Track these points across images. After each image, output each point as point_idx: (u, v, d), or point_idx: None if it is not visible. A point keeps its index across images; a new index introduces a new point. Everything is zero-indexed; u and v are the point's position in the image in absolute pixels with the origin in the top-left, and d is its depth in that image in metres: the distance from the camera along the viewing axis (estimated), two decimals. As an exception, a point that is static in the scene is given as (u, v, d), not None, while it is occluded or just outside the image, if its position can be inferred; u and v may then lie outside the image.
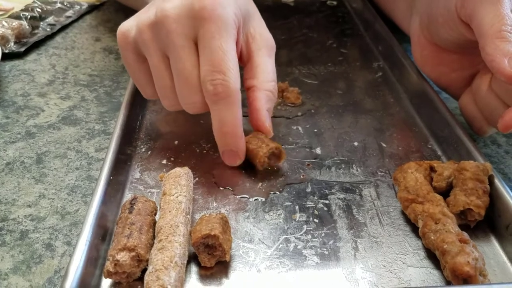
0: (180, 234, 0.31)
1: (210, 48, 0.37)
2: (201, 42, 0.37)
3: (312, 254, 0.33)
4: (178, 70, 0.38)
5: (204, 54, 0.37)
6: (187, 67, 0.37)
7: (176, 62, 0.38)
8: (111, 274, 0.29)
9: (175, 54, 0.37)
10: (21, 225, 0.36)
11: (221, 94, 0.36)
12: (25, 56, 0.59)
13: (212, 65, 0.36)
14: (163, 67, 0.39)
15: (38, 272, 0.32)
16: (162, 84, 0.39)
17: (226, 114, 0.37)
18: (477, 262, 0.29)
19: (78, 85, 0.54)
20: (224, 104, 0.37)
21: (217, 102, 0.37)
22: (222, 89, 0.36)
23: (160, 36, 0.38)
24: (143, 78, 0.41)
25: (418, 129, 0.46)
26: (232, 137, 0.38)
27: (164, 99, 0.41)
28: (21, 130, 0.46)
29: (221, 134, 0.39)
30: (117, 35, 0.41)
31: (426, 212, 0.33)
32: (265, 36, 0.44)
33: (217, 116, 0.38)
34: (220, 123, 0.38)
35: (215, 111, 0.38)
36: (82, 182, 0.40)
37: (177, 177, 0.35)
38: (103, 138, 0.45)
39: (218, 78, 0.36)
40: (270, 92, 0.42)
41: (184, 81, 0.38)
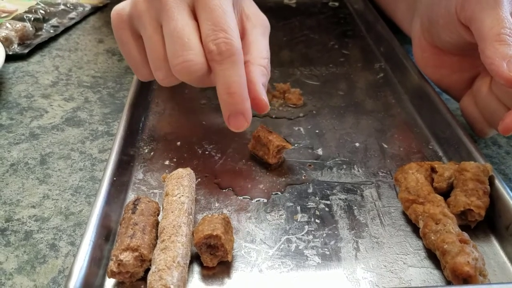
0: (182, 235, 0.31)
1: (209, 8, 0.36)
2: (199, 4, 0.37)
3: (313, 254, 0.33)
4: (170, 30, 0.36)
5: (204, 14, 0.36)
6: (179, 25, 0.36)
7: (168, 22, 0.36)
8: (115, 274, 0.30)
9: (168, 16, 0.36)
10: (25, 226, 0.36)
11: (225, 53, 0.35)
12: (28, 58, 0.60)
13: (213, 24, 0.35)
14: (156, 36, 0.38)
15: (42, 272, 0.32)
16: (155, 53, 0.38)
17: (232, 73, 0.36)
18: (477, 262, 0.29)
19: (81, 86, 0.54)
20: (229, 63, 0.36)
21: (222, 61, 0.36)
22: (225, 48, 0.35)
23: (155, 3, 0.37)
24: (138, 57, 0.40)
25: (419, 130, 0.46)
26: (238, 97, 0.37)
27: (157, 70, 0.39)
28: (25, 131, 0.46)
29: (227, 95, 0.37)
30: (112, 15, 0.40)
31: (426, 213, 0.33)
32: (259, 16, 0.44)
33: (222, 77, 0.36)
34: (225, 85, 0.36)
35: (220, 72, 0.36)
36: (86, 183, 0.40)
37: (180, 178, 0.35)
38: (106, 139, 0.46)
39: (221, 36, 0.35)
40: (263, 68, 0.41)
41: (176, 39, 0.36)
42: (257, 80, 0.40)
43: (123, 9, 0.40)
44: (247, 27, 0.43)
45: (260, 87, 0.40)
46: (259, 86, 0.40)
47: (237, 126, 0.38)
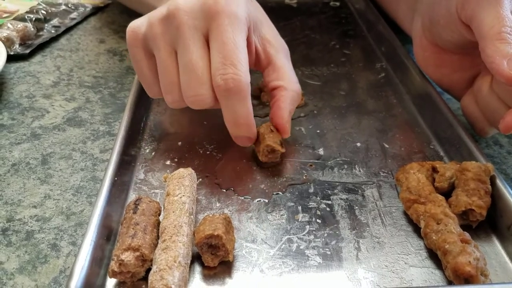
0: (183, 234, 0.31)
1: (222, 40, 0.37)
2: (212, 35, 0.37)
3: (314, 254, 0.33)
4: (185, 61, 0.37)
5: (216, 47, 0.37)
6: (195, 58, 0.37)
7: (183, 53, 0.37)
8: (116, 274, 0.30)
9: (184, 45, 0.37)
10: (26, 226, 0.36)
11: (232, 90, 0.36)
12: (30, 58, 0.60)
13: (224, 57, 0.36)
14: (170, 61, 0.39)
15: (43, 272, 0.32)
16: (167, 77, 0.39)
17: (238, 108, 0.37)
18: (478, 262, 0.29)
19: (82, 86, 0.54)
20: (236, 99, 0.37)
21: (229, 97, 0.37)
22: (233, 84, 0.36)
23: (171, 29, 0.38)
24: (150, 75, 0.41)
25: (420, 130, 0.46)
26: (245, 127, 0.39)
27: (167, 94, 0.40)
28: (27, 131, 0.47)
29: (234, 126, 0.39)
30: (127, 32, 0.41)
31: (428, 213, 0.33)
32: (279, 41, 0.45)
33: (230, 110, 0.38)
34: (233, 117, 0.38)
35: (228, 106, 0.38)
36: (87, 183, 0.40)
37: (181, 178, 0.35)
38: (107, 139, 0.46)
39: (229, 72, 0.36)
40: (295, 93, 0.43)
41: (190, 71, 0.37)
42: (286, 107, 0.41)
43: (139, 28, 0.40)
44: (271, 52, 0.44)
45: (287, 113, 0.41)
46: (286, 112, 0.41)
47: (243, 143, 0.41)
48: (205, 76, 0.37)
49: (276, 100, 0.42)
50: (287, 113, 0.41)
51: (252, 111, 0.38)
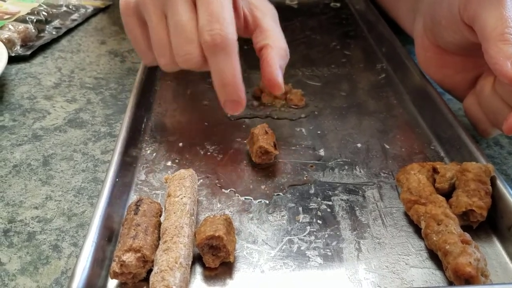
0: (184, 235, 0.31)
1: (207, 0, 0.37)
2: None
3: (315, 255, 0.33)
4: (175, 22, 0.38)
5: (202, 7, 0.38)
6: (184, 19, 0.38)
7: (173, 15, 0.38)
8: (117, 275, 0.30)
9: (173, 8, 0.38)
10: (28, 227, 0.36)
11: (219, 45, 0.37)
12: (31, 59, 0.60)
13: (210, 15, 0.37)
14: (160, 24, 0.40)
15: (45, 273, 0.32)
16: (159, 41, 0.40)
17: (225, 64, 0.38)
18: (479, 263, 0.29)
19: (84, 88, 0.55)
20: (223, 55, 0.37)
21: (216, 53, 0.37)
22: (220, 39, 0.36)
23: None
24: (143, 42, 0.42)
25: (421, 131, 0.46)
26: (232, 87, 0.39)
27: (160, 57, 0.41)
28: (28, 132, 0.47)
29: (221, 86, 0.39)
30: (120, 3, 0.42)
31: (428, 213, 0.33)
32: (267, 5, 0.46)
33: (216, 67, 0.38)
34: (219, 75, 0.38)
35: (214, 63, 0.38)
36: (88, 184, 0.40)
37: (182, 179, 0.35)
38: (108, 140, 0.46)
39: (216, 28, 0.37)
40: (282, 50, 0.43)
41: (180, 32, 0.38)
42: (274, 62, 0.41)
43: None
44: (258, 16, 0.44)
45: (276, 69, 0.41)
46: (276, 68, 0.41)
47: (232, 109, 0.40)
48: (193, 34, 0.38)
49: (264, 58, 0.42)
50: (276, 68, 0.41)
51: (239, 71, 0.38)
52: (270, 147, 0.40)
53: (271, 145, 0.40)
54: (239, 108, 0.40)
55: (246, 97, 0.39)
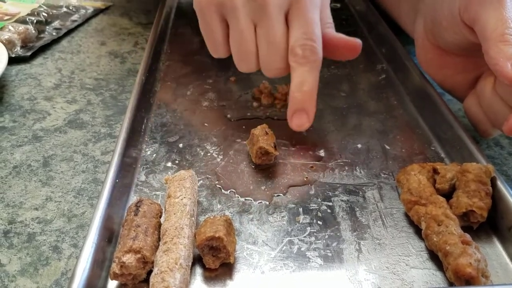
0: (185, 236, 0.31)
1: (304, 19, 0.40)
2: (294, 14, 0.40)
3: (315, 256, 0.33)
4: (269, 38, 0.40)
5: (298, 24, 0.40)
6: (279, 36, 0.40)
7: (267, 30, 0.40)
8: (117, 276, 0.30)
9: (268, 22, 0.40)
10: (28, 228, 0.36)
11: (309, 57, 0.40)
12: (31, 60, 0.60)
13: (305, 33, 0.40)
14: (248, 32, 0.41)
15: (45, 274, 0.32)
16: (246, 48, 0.42)
17: (309, 75, 0.40)
18: (479, 264, 0.29)
19: (84, 89, 0.55)
20: (310, 67, 0.40)
21: (304, 64, 0.40)
22: (310, 53, 0.40)
23: (254, 5, 0.40)
24: (221, 37, 0.43)
25: (421, 131, 0.46)
26: (309, 96, 0.40)
27: (242, 62, 0.43)
28: (28, 133, 0.47)
29: (299, 93, 0.40)
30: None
31: (429, 214, 0.33)
32: None
33: (300, 76, 0.40)
34: (301, 83, 0.40)
35: (299, 72, 0.40)
36: (89, 185, 0.40)
37: (182, 179, 0.35)
38: (109, 141, 0.46)
39: (309, 43, 0.40)
40: None
41: (274, 48, 0.40)
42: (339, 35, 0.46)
43: None
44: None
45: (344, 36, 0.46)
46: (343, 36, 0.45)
47: (299, 124, 0.42)
48: (285, 51, 0.41)
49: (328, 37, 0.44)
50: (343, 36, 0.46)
51: (317, 88, 0.41)
52: (270, 147, 0.40)
53: (271, 146, 0.40)
54: (306, 122, 0.41)
55: (246, 98, 0.39)
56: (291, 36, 0.40)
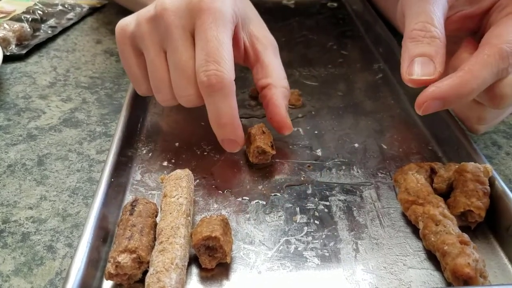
0: (181, 236, 0.31)
1: (205, 38, 0.36)
2: (197, 33, 0.37)
3: (312, 255, 0.33)
4: (175, 62, 0.37)
5: (200, 44, 0.37)
6: (184, 58, 0.37)
7: (173, 53, 0.38)
8: (112, 276, 0.29)
9: (172, 46, 0.37)
10: (22, 227, 0.36)
11: (215, 86, 0.36)
12: (26, 59, 0.60)
13: (207, 55, 0.36)
14: (159, 60, 0.39)
15: (39, 274, 0.32)
16: (158, 77, 0.39)
17: (222, 105, 0.37)
18: (477, 264, 0.29)
19: (79, 87, 0.54)
20: (219, 96, 0.36)
21: (212, 94, 0.36)
22: (216, 80, 0.36)
23: (159, 29, 0.38)
24: (139, 73, 0.41)
25: (418, 131, 0.46)
26: (229, 127, 0.38)
27: (158, 93, 0.40)
28: (23, 132, 0.46)
29: (218, 125, 0.38)
30: (116, 29, 0.41)
31: (426, 214, 0.33)
32: (268, 37, 0.45)
33: (213, 108, 0.37)
34: (216, 115, 0.37)
35: (211, 103, 0.37)
36: (83, 184, 0.40)
37: (178, 179, 0.35)
38: (104, 140, 0.45)
39: (212, 68, 0.36)
40: (285, 89, 0.43)
41: (180, 72, 0.37)
42: (281, 103, 0.41)
43: (127, 25, 0.40)
44: (259, 49, 0.44)
45: (284, 110, 0.42)
46: (283, 109, 0.41)
47: (230, 149, 0.40)
48: (194, 75, 0.37)
49: (269, 99, 0.42)
50: (284, 109, 0.42)
51: (237, 112, 0.38)
52: (267, 147, 0.39)
53: (268, 145, 0.40)
54: (237, 146, 0.39)
55: (243, 97, 0.39)
56: (196, 60, 0.37)
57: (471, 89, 0.34)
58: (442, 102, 0.35)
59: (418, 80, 0.35)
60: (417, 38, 0.35)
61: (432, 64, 0.35)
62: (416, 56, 0.35)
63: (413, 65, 0.35)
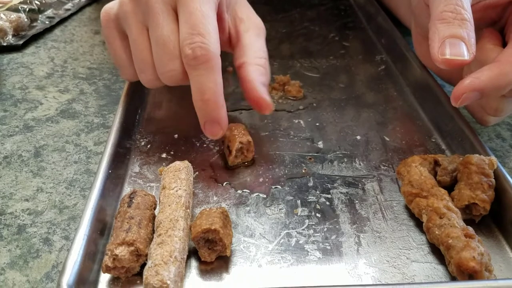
0: (180, 229, 0.30)
1: (188, 11, 0.35)
2: (180, 6, 0.36)
3: (314, 249, 0.32)
4: (157, 37, 0.36)
5: (183, 18, 0.36)
6: (165, 33, 0.36)
7: (154, 29, 0.36)
8: (110, 269, 0.29)
9: (154, 21, 0.36)
10: (18, 219, 0.35)
11: (200, 58, 0.34)
12: (23, 49, 0.59)
13: (191, 27, 0.35)
14: (142, 38, 0.38)
15: (35, 267, 0.31)
16: (140, 56, 0.38)
17: (206, 80, 0.35)
18: (482, 257, 0.28)
19: (77, 78, 0.53)
20: (204, 69, 0.35)
21: (196, 67, 0.35)
22: (201, 52, 0.34)
23: (141, 5, 0.37)
24: (124, 56, 0.40)
25: (421, 123, 0.45)
26: (213, 105, 0.36)
27: (141, 73, 0.39)
28: (19, 123, 0.45)
29: (201, 102, 0.36)
30: (101, 14, 0.40)
31: (430, 207, 0.32)
32: (253, 19, 0.44)
33: (197, 82, 0.36)
34: (200, 91, 0.36)
35: (194, 77, 0.36)
36: (81, 176, 0.39)
37: (177, 171, 0.35)
38: (102, 131, 0.45)
39: (197, 40, 0.34)
40: (261, 67, 0.40)
41: (162, 47, 0.36)
42: (255, 78, 0.39)
43: (111, 9, 0.40)
44: (241, 30, 0.42)
45: (259, 85, 0.39)
46: (258, 85, 0.39)
47: (212, 133, 0.38)
48: (176, 50, 0.36)
49: (243, 76, 0.40)
50: (259, 85, 0.39)
51: (221, 89, 0.36)
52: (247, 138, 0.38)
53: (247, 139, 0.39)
54: (219, 131, 0.37)
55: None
56: (180, 33, 0.35)
57: (510, 80, 0.33)
58: (480, 94, 0.34)
59: (452, 60, 0.34)
60: (448, 20, 0.34)
61: (464, 45, 0.34)
62: (447, 37, 0.34)
63: (445, 45, 0.34)
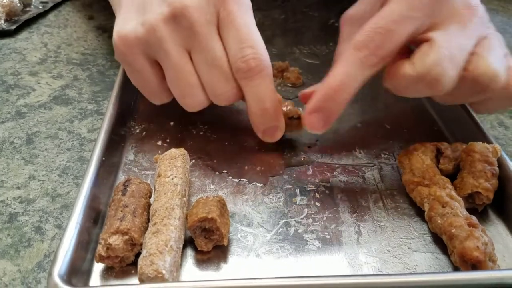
0: (175, 217, 0.29)
1: (235, 28, 0.35)
2: (224, 24, 0.35)
3: (313, 238, 0.31)
4: (209, 61, 0.35)
5: (230, 35, 0.35)
6: (218, 54, 0.35)
7: (203, 52, 0.35)
8: (103, 259, 0.28)
9: (201, 44, 0.35)
10: (9, 208, 0.34)
11: (254, 69, 0.34)
12: (16, 34, 0.58)
13: (240, 42, 0.34)
14: (184, 62, 0.36)
15: (27, 256, 0.31)
16: (186, 81, 0.36)
17: (264, 89, 0.35)
18: (486, 247, 0.28)
19: (70, 64, 0.52)
20: (260, 79, 0.35)
21: (252, 78, 0.35)
22: (254, 63, 0.34)
23: (181, 29, 0.35)
24: (156, 82, 0.37)
25: (423, 111, 0.44)
26: (273, 112, 0.36)
27: (187, 98, 0.37)
28: (11, 109, 0.44)
29: (261, 112, 0.36)
30: (116, 40, 0.37)
31: (432, 195, 0.32)
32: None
33: (254, 93, 0.35)
34: (258, 101, 0.35)
35: (251, 89, 0.35)
36: (74, 163, 0.38)
37: (173, 158, 0.34)
38: (96, 118, 0.44)
39: (249, 53, 0.34)
40: None
41: (217, 70, 0.35)
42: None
43: (133, 32, 0.36)
44: None
45: None
46: None
47: (272, 138, 0.38)
48: (229, 69, 0.35)
49: None
50: None
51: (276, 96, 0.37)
52: None
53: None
54: (279, 134, 0.37)
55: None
56: (228, 50, 0.35)
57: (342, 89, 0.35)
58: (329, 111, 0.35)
59: None
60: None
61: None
62: None
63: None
